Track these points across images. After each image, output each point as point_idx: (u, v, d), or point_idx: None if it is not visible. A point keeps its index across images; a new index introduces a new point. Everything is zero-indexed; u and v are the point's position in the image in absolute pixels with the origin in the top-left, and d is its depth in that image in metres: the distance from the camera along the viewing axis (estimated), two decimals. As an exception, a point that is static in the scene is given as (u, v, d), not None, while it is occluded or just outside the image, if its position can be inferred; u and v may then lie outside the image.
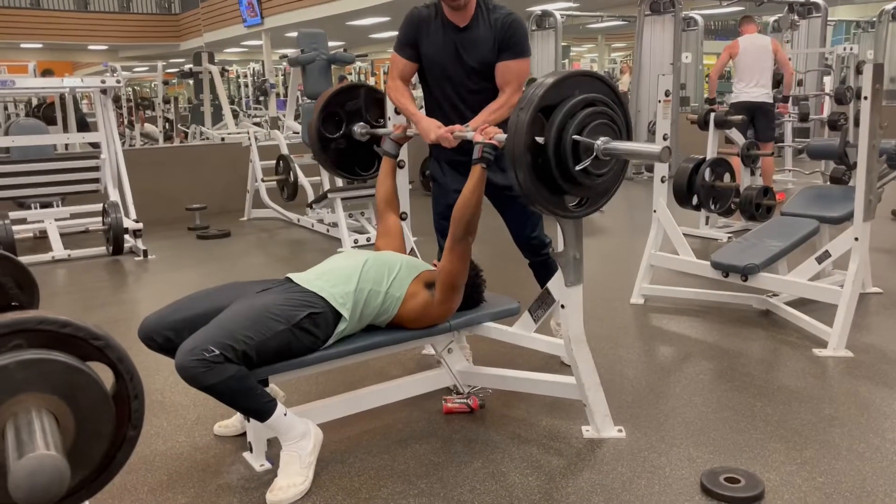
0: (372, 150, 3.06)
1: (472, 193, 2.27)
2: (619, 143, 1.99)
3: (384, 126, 3.04)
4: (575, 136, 1.96)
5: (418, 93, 3.69)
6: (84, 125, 7.91)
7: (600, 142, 1.96)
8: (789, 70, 6.47)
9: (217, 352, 1.90)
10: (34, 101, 9.09)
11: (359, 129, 3.03)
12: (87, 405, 1.15)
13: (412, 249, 2.90)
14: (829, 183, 5.24)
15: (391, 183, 2.77)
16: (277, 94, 13.04)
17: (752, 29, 6.27)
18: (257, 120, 11.80)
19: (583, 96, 2.00)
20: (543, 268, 2.89)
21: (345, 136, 3.06)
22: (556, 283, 2.32)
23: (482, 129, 2.32)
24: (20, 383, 1.08)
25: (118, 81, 5.68)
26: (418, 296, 2.31)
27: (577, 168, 1.98)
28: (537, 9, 9.75)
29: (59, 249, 5.22)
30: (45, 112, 7.76)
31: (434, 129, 2.60)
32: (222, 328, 1.97)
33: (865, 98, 2.85)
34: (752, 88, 6.12)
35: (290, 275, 2.32)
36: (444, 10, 2.66)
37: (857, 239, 3.06)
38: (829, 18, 9.42)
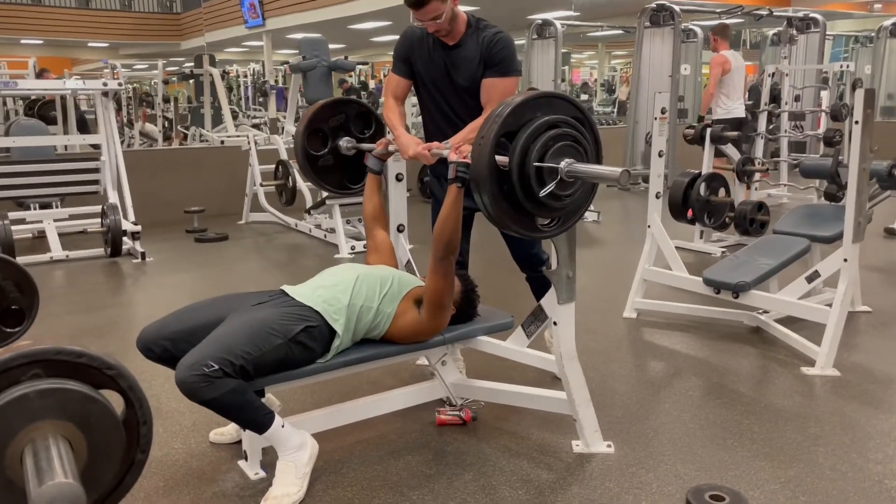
0: (360, 164, 3.07)
1: (449, 213, 2.26)
2: (581, 166, 1.99)
3: (371, 138, 3.07)
4: (536, 164, 1.95)
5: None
6: (84, 123, 7.94)
7: (564, 164, 1.97)
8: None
9: (216, 367, 1.94)
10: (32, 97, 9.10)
11: (345, 143, 3.02)
12: (99, 431, 1.20)
13: (409, 261, 2.94)
14: (823, 199, 5.29)
15: (378, 199, 2.79)
16: (276, 83, 13.03)
17: (728, 45, 6.52)
18: (257, 121, 11.84)
19: (545, 118, 1.99)
20: (540, 282, 2.91)
21: (331, 151, 3.04)
22: (548, 301, 2.36)
23: (456, 148, 2.33)
24: (38, 411, 1.14)
25: (120, 84, 5.71)
26: (407, 314, 2.35)
27: (542, 194, 1.98)
28: (538, 17, 9.81)
29: (57, 250, 5.25)
30: (40, 110, 7.77)
31: (412, 146, 2.63)
32: (221, 343, 2.01)
33: (857, 123, 2.90)
34: (739, 105, 6.41)
35: (284, 287, 2.36)
36: None
37: (846, 260, 3.11)
38: (827, 33, 9.50)
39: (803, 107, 8.01)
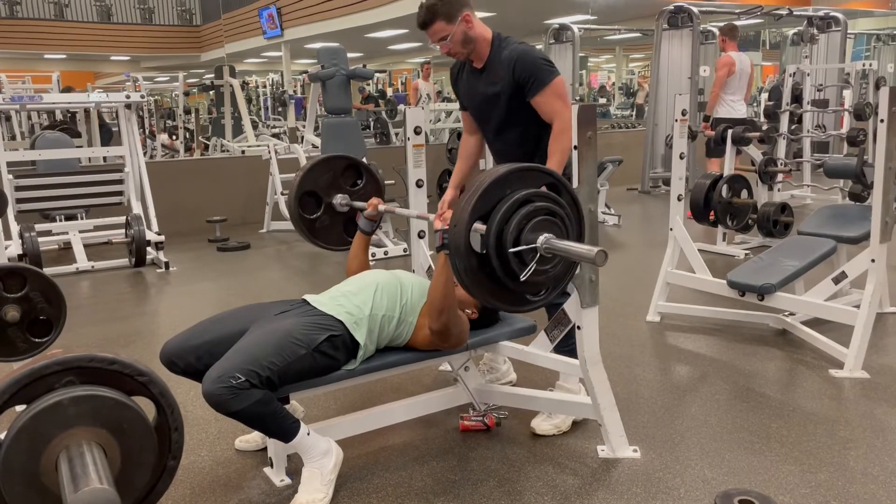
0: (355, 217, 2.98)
1: (437, 280, 2.22)
2: (558, 243, 1.92)
3: (364, 188, 3.02)
4: (512, 250, 1.90)
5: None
6: (108, 133, 8.05)
7: (542, 241, 1.91)
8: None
9: (243, 378, 1.95)
10: (58, 114, 9.24)
11: (339, 200, 2.95)
12: (132, 438, 1.21)
13: (430, 267, 2.95)
14: (847, 199, 5.23)
15: (364, 259, 2.74)
16: (295, 93, 13.12)
17: (736, 46, 6.55)
18: (276, 130, 11.93)
19: (516, 195, 1.93)
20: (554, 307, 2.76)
21: (326, 211, 2.96)
22: (571, 305, 2.35)
23: (439, 216, 2.30)
24: (73, 418, 1.16)
25: (142, 97, 5.78)
26: (426, 328, 2.33)
27: (523, 277, 1.93)
28: (555, 22, 9.80)
29: (82, 261, 5.31)
30: (66, 128, 7.90)
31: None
32: (247, 354, 2.02)
33: (882, 121, 2.86)
34: (742, 105, 6.63)
35: (306, 297, 2.37)
36: None
37: (873, 260, 3.07)
38: (848, 31, 9.39)
39: (825, 106, 7.93)
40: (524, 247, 1.91)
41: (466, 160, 2.89)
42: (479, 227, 1.93)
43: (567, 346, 2.48)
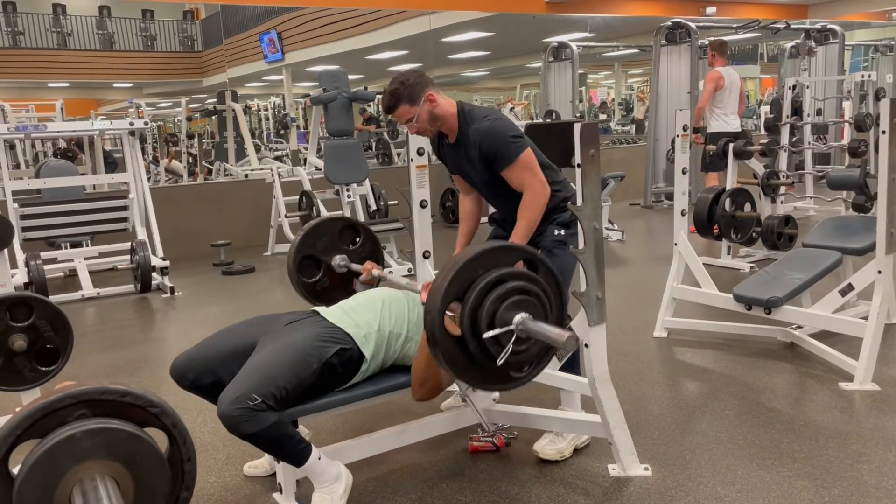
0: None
1: (421, 353, 2.18)
2: (532, 325, 1.88)
3: (362, 246, 3.02)
4: (486, 336, 1.86)
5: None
6: (112, 164, 8.09)
7: (517, 321, 1.87)
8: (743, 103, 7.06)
9: (259, 400, 1.94)
10: (62, 142, 9.31)
11: (337, 261, 2.92)
12: (145, 470, 1.21)
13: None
14: (851, 210, 5.23)
15: None
16: (298, 127, 13.24)
17: (725, 61, 6.65)
18: (279, 153, 11.98)
19: (489, 276, 1.90)
20: None
21: (326, 273, 2.93)
22: (578, 323, 2.34)
23: (425, 288, 2.29)
24: (86, 451, 1.16)
25: (146, 123, 5.82)
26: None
27: (500, 361, 1.89)
28: (553, 40, 9.87)
29: (88, 288, 5.32)
30: (66, 153, 7.95)
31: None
32: (262, 374, 2.01)
33: (884, 132, 2.87)
34: (734, 119, 6.72)
35: (317, 308, 2.37)
36: None
37: (879, 272, 3.06)
38: (846, 43, 9.44)
39: (825, 118, 7.95)
40: (499, 330, 1.87)
41: (467, 221, 2.88)
42: (453, 308, 1.89)
43: (573, 368, 2.49)
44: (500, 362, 1.89)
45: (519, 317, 1.88)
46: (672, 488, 2.29)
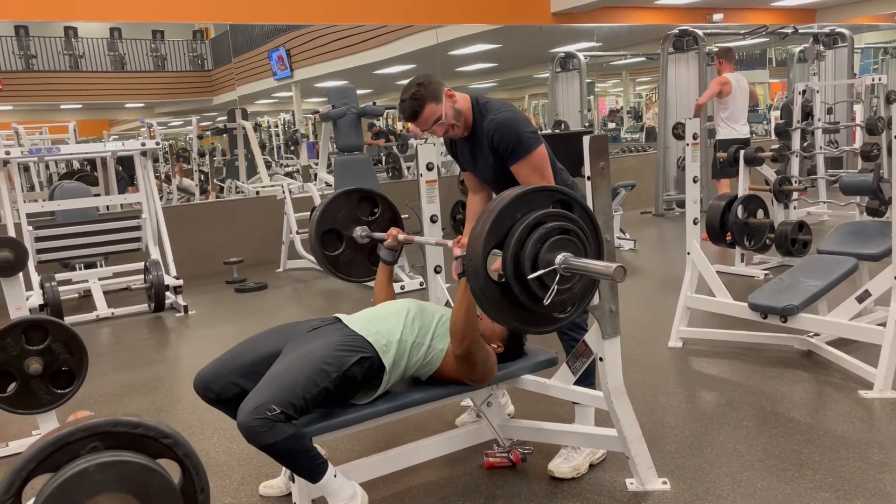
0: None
1: (459, 305, 2.20)
2: (577, 262, 1.90)
3: (381, 217, 3.03)
4: (530, 277, 1.88)
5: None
6: (123, 178, 8.15)
7: (560, 260, 1.89)
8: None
9: (279, 410, 1.95)
10: (76, 164, 9.39)
11: (359, 232, 2.96)
12: (158, 502, 1.21)
13: (447, 302, 2.94)
14: (865, 214, 5.18)
15: (389, 291, 2.75)
16: (307, 138, 13.30)
17: (732, 67, 6.63)
18: (289, 169, 12.04)
19: (526, 220, 1.91)
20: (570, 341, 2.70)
21: (348, 245, 2.98)
22: (593, 336, 2.33)
23: (457, 242, 2.28)
24: (98, 485, 1.15)
25: (157, 143, 5.87)
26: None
27: (547, 301, 1.90)
28: (560, 50, 9.88)
29: (102, 308, 5.36)
30: (82, 178, 8.01)
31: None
32: (282, 384, 2.01)
33: (896, 137, 2.84)
34: (743, 126, 6.72)
35: (339, 315, 2.37)
36: None
37: (896, 277, 3.03)
38: (855, 46, 9.39)
39: (836, 117, 7.92)
40: (543, 270, 1.89)
41: (473, 221, 2.86)
42: (495, 253, 1.92)
43: (587, 381, 2.47)
44: (546, 302, 1.91)
45: (561, 256, 1.90)
46: (691, 502, 2.26)
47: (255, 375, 2.08)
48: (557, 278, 1.90)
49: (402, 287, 5.44)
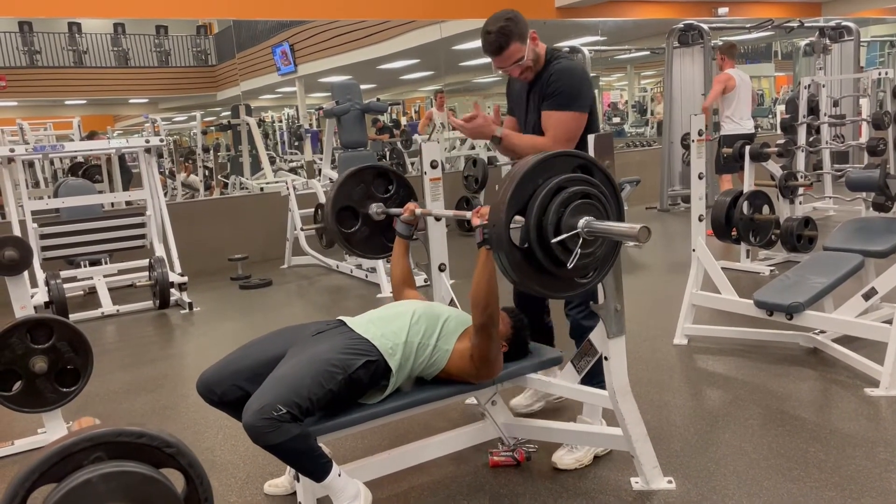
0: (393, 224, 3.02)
1: (481, 276, 2.19)
2: (599, 224, 1.92)
3: (396, 194, 3.05)
4: (553, 241, 1.89)
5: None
6: (128, 174, 8.15)
7: (582, 225, 1.90)
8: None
9: (284, 410, 1.94)
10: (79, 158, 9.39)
11: (374, 209, 2.99)
12: (162, 512, 1.21)
13: (452, 300, 2.93)
14: (871, 210, 5.15)
15: (405, 263, 2.77)
16: (311, 126, 13.29)
17: (734, 63, 6.70)
18: (294, 165, 12.04)
19: (549, 184, 1.92)
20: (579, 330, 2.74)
21: (364, 222, 3.01)
22: (598, 335, 2.32)
23: (476, 212, 2.30)
24: (102, 495, 1.16)
25: (161, 140, 5.87)
26: (465, 354, 2.31)
27: (571, 265, 1.91)
28: (565, 45, 9.84)
29: (107, 305, 5.36)
30: (88, 172, 8.01)
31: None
32: (288, 384, 2.01)
33: (904, 133, 2.82)
34: (748, 121, 6.78)
35: (342, 318, 2.37)
36: None
37: (903, 275, 3.01)
38: (861, 39, 9.33)
39: (842, 110, 7.88)
40: (566, 234, 1.90)
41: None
42: (517, 220, 1.93)
43: (596, 380, 2.45)
44: (570, 265, 1.91)
45: (584, 220, 1.91)
46: (697, 502, 2.25)
47: (258, 379, 2.08)
48: (581, 242, 1.91)
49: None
